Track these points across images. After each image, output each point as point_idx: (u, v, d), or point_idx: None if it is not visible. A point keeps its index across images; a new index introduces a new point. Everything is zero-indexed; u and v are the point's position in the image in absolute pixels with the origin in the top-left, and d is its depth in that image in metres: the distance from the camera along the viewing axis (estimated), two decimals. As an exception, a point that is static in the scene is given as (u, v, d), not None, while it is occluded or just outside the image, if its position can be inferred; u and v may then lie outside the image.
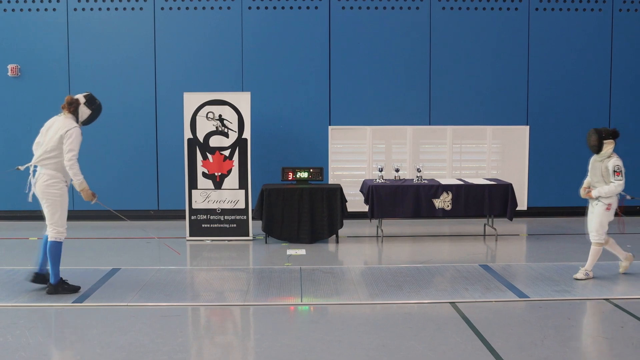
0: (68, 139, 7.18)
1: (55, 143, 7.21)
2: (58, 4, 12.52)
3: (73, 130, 7.23)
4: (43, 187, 7.26)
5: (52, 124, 7.41)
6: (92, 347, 5.74)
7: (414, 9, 12.71)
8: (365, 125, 12.76)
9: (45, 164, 7.26)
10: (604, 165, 7.86)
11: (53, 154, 7.23)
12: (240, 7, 12.59)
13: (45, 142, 7.30)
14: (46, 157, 7.25)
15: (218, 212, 10.73)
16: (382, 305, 7.06)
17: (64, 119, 7.36)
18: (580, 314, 6.64)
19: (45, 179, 7.25)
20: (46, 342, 5.86)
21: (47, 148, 7.24)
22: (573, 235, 11.17)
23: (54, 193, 7.28)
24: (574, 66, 12.90)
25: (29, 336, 5.95)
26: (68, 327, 6.29)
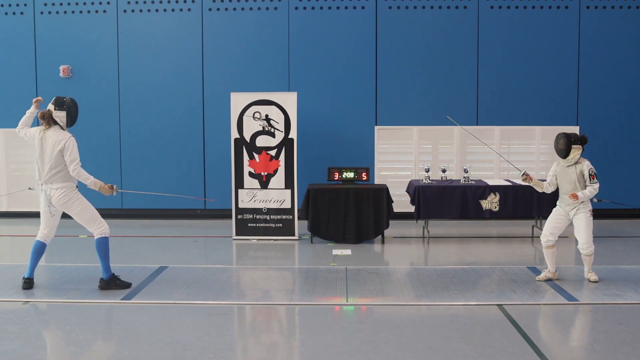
0: (67, 151, 7.36)
1: (56, 159, 7.37)
2: (108, 5, 12.73)
3: (69, 142, 7.40)
4: (61, 201, 7.44)
5: (42, 139, 7.46)
6: (140, 343, 5.82)
7: (462, 8, 12.59)
8: (411, 125, 12.69)
9: (54, 179, 7.41)
10: (577, 170, 7.79)
11: (58, 169, 7.39)
12: (287, 8, 12.64)
13: (46, 160, 7.42)
14: (53, 174, 7.39)
15: (264, 212, 10.78)
16: (428, 306, 7.01)
17: (53, 132, 7.46)
18: (632, 319, 6.49)
19: (59, 194, 7.41)
20: (95, 338, 5.96)
21: (50, 165, 7.38)
22: (624, 238, 10.95)
23: (73, 202, 7.47)
24: (626, 65, 12.63)
25: (78, 332, 6.06)
26: (117, 324, 6.39)
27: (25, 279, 7.61)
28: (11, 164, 13.24)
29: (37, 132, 7.55)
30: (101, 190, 7.59)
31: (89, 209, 7.58)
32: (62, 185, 7.41)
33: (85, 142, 12.89)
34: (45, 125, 7.50)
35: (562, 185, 7.96)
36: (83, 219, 7.58)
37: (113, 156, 12.88)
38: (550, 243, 7.99)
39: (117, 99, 12.85)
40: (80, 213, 7.53)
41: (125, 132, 12.85)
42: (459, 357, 5.47)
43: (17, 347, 5.65)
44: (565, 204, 7.92)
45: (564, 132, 7.90)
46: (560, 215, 7.99)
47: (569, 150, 7.79)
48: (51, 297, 7.28)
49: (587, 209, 7.85)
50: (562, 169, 7.93)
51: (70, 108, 7.63)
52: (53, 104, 7.57)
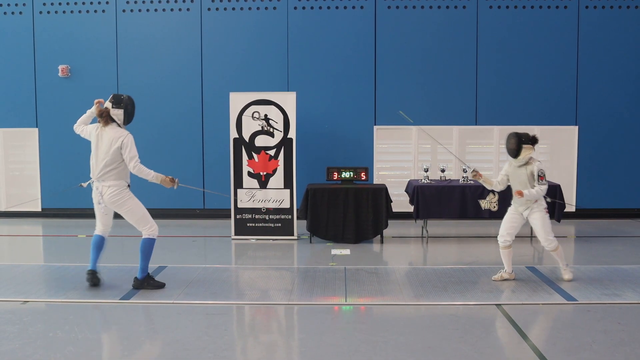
0: (125, 149, 7.34)
1: (112, 156, 7.34)
2: (107, 5, 12.73)
3: (127, 139, 7.37)
4: (113, 200, 7.42)
5: (98, 136, 7.46)
6: (139, 343, 5.82)
7: (461, 8, 12.59)
8: (410, 125, 12.68)
9: (107, 177, 7.39)
10: (528, 170, 7.77)
11: (112, 166, 7.37)
12: (286, 7, 12.64)
13: (100, 157, 7.41)
14: (107, 171, 7.37)
15: (263, 212, 10.78)
16: (427, 306, 7.01)
17: (110, 130, 7.44)
18: (631, 319, 6.50)
19: (112, 192, 7.40)
20: (94, 337, 5.95)
21: (105, 162, 7.36)
22: (623, 238, 10.96)
23: (125, 200, 7.45)
24: (625, 65, 12.65)
25: (77, 332, 6.06)
26: (116, 324, 6.38)
27: (88, 271, 7.62)
28: (10, 164, 13.23)
29: (94, 129, 7.54)
30: (163, 183, 7.59)
31: (139, 209, 7.57)
32: (115, 183, 7.40)
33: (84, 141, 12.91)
34: (102, 123, 7.48)
35: (513, 185, 7.95)
36: (133, 219, 7.57)
37: (112, 156, 12.87)
38: (507, 243, 7.97)
39: (116, 98, 12.84)
40: (131, 212, 7.52)
41: (124, 131, 12.84)
42: (458, 357, 5.47)
43: (16, 347, 5.65)
44: (518, 204, 7.92)
45: (515, 132, 7.87)
46: (515, 215, 7.98)
47: (519, 150, 7.77)
48: (50, 297, 7.28)
49: (541, 207, 7.84)
50: (513, 169, 7.92)
51: (127, 106, 7.58)
52: (110, 101, 7.53)
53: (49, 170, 13.04)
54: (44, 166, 13.05)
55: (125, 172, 7.48)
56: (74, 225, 12.20)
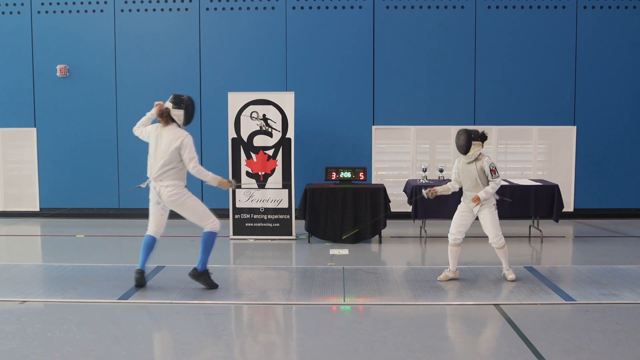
0: (185, 150, 7.35)
1: (171, 156, 7.35)
2: (105, 5, 12.74)
3: (187, 140, 7.39)
4: (172, 199, 7.44)
5: (158, 136, 7.46)
6: (137, 343, 5.82)
7: (459, 8, 12.60)
8: (409, 125, 12.70)
9: (165, 177, 7.40)
10: (478, 166, 7.76)
11: (171, 165, 7.38)
12: (284, 7, 12.64)
13: (159, 156, 7.41)
14: (165, 171, 7.38)
15: (261, 211, 10.78)
16: (425, 306, 7.01)
17: (169, 130, 7.43)
18: (629, 319, 6.50)
19: (170, 191, 7.40)
20: (92, 337, 5.94)
21: (164, 161, 7.36)
22: (621, 238, 10.97)
23: (184, 200, 7.48)
24: (623, 65, 12.67)
25: (76, 332, 6.05)
26: (114, 323, 6.37)
27: (137, 270, 7.61)
28: (8, 164, 13.23)
29: (154, 129, 7.54)
30: (220, 185, 7.64)
31: (199, 206, 7.61)
32: (173, 183, 7.41)
33: (81, 141, 12.96)
34: (163, 123, 7.47)
35: (464, 182, 7.96)
36: (195, 216, 7.59)
37: (110, 155, 12.87)
38: (457, 241, 8.01)
39: (115, 98, 12.85)
40: (192, 210, 7.55)
41: (123, 131, 12.84)
42: (456, 357, 5.48)
43: (14, 347, 5.64)
44: (468, 201, 7.92)
45: (464, 129, 7.87)
46: (465, 212, 8.00)
47: (469, 146, 7.77)
48: (48, 297, 7.27)
49: (490, 203, 7.86)
50: (463, 166, 7.92)
51: (188, 106, 7.59)
52: (171, 102, 7.52)
53: (48, 170, 13.04)
54: (42, 166, 13.05)
55: (183, 172, 7.49)
56: (73, 225, 12.19)
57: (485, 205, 7.85)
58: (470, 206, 7.94)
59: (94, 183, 12.89)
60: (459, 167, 8.02)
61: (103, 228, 11.94)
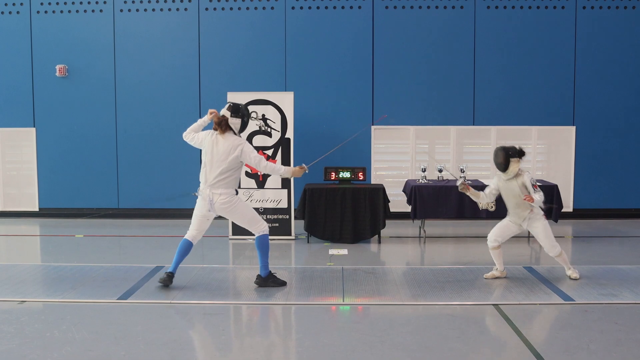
0: (249, 155, 7.42)
1: (230, 164, 7.38)
2: (105, 5, 12.73)
3: (246, 147, 7.44)
4: (225, 207, 7.47)
5: (213, 143, 7.47)
6: (137, 343, 5.81)
7: (458, 8, 12.60)
8: (408, 125, 12.70)
9: (220, 185, 7.42)
10: (518, 183, 7.74)
11: (228, 173, 7.41)
12: (283, 7, 12.64)
13: (215, 164, 7.42)
14: (221, 178, 7.40)
15: (261, 211, 10.77)
16: (424, 306, 7.01)
17: (226, 138, 7.46)
18: (628, 319, 6.50)
19: (223, 199, 7.43)
20: (91, 337, 5.94)
21: (221, 169, 7.38)
22: (620, 238, 10.97)
23: (234, 207, 7.51)
24: (622, 66, 12.67)
25: (75, 332, 6.05)
26: (113, 324, 6.37)
27: (167, 273, 7.64)
28: (7, 164, 13.22)
29: (209, 135, 7.55)
30: (295, 174, 7.77)
31: (249, 210, 7.67)
32: (226, 191, 7.44)
33: (81, 141, 12.95)
34: (220, 131, 7.49)
35: (507, 200, 7.94)
36: (244, 221, 7.65)
37: (109, 155, 12.87)
38: (496, 244, 8.03)
39: (114, 98, 12.85)
40: (242, 216, 7.62)
41: (122, 131, 12.85)
42: (455, 357, 5.48)
43: (14, 347, 5.64)
44: (516, 217, 7.91)
45: (502, 146, 7.85)
46: (511, 225, 8.00)
47: (507, 163, 7.75)
48: (47, 297, 7.27)
49: (539, 215, 7.85)
50: (504, 184, 7.89)
51: (244, 116, 7.62)
52: (229, 110, 7.55)
53: (47, 170, 13.04)
54: (42, 166, 13.04)
55: (237, 180, 7.56)
56: (72, 225, 12.19)
57: (534, 217, 7.84)
58: (518, 222, 7.91)
59: (93, 183, 12.89)
60: (500, 184, 7.97)
61: (102, 228, 11.94)
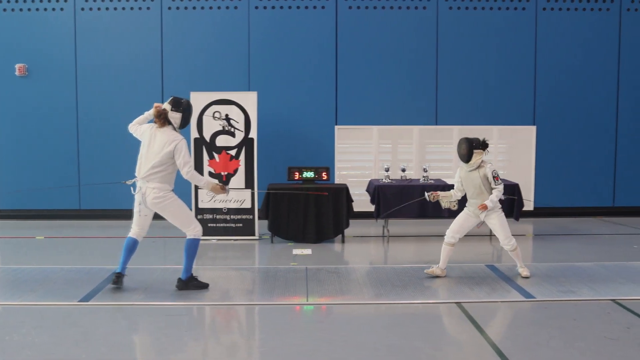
0: (179, 154, 7.27)
1: (162, 158, 7.26)
2: (65, 3, 12.56)
3: (181, 144, 7.30)
4: (156, 202, 7.33)
5: (152, 136, 7.38)
6: (98, 346, 5.75)
7: (421, 8, 12.70)
8: (371, 125, 12.75)
9: (152, 178, 7.30)
10: (481, 174, 7.86)
11: (160, 168, 7.28)
12: (247, 7, 12.61)
13: (150, 157, 7.32)
14: (153, 172, 7.28)
15: (224, 212, 10.74)
16: (387, 305, 7.05)
17: (164, 132, 7.36)
18: (586, 315, 6.61)
19: (156, 194, 7.30)
20: (52, 341, 5.87)
21: (154, 163, 7.27)
22: (579, 236, 11.15)
23: (169, 202, 7.37)
24: (581, 66, 12.88)
25: (34, 335, 5.97)
26: (74, 326, 6.30)
27: (115, 273, 7.51)
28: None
29: (149, 129, 7.46)
30: (213, 190, 7.59)
31: (184, 211, 7.51)
32: (159, 185, 7.30)
33: (42, 141, 12.76)
34: (159, 124, 7.39)
35: (468, 190, 8.05)
36: (177, 221, 7.50)
37: (70, 155, 12.70)
38: (453, 240, 8.10)
39: (75, 97, 12.69)
40: (175, 215, 7.46)
41: (83, 131, 12.69)
42: (418, 356, 5.51)
43: (-29, 351, 5.55)
44: (474, 208, 8.00)
45: (466, 137, 8.00)
46: (470, 216, 8.07)
47: (470, 155, 7.88)
48: (6, 300, 7.14)
49: (497, 207, 7.96)
50: (466, 174, 8.01)
51: (185, 110, 7.49)
52: (170, 104, 7.44)
53: (6, 171, 12.82)
54: (1, 167, 12.82)
55: (172, 176, 7.41)
56: (32, 226, 12.01)
57: (491, 210, 7.91)
58: (477, 212, 7.98)
59: (54, 183, 12.70)
60: (462, 175, 8.07)
61: (63, 229, 11.79)
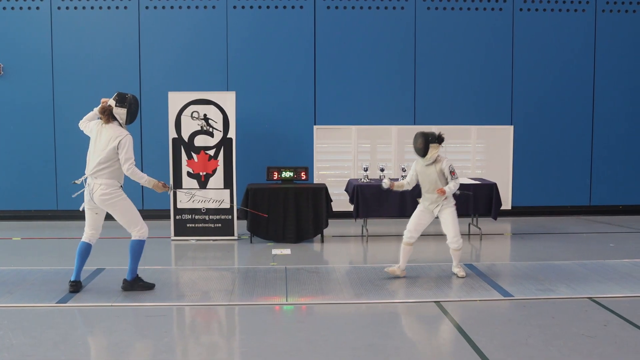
0: (122, 149, 7.19)
1: (108, 154, 7.18)
2: (42, 2, 12.44)
3: (125, 140, 7.21)
4: (103, 198, 7.24)
5: (98, 132, 7.31)
6: (76, 348, 5.72)
7: (399, 9, 12.73)
8: (350, 124, 12.77)
9: (100, 175, 7.21)
10: (437, 169, 7.91)
11: (107, 164, 7.20)
12: (225, 7, 12.57)
13: (96, 153, 7.24)
14: (100, 169, 7.20)
15: (203, 212, 10.70)
16: (367, 304, 7.07)
17: (110, 128, 7.28)
18: (564, 313, 6.68)
19: (103, 190, 7.22)
20: (30, 342, 5.82)
21: (100, 159, 7.19)
22: (556, 234, 11.24)
23: (116, 200, 7.29)
24: (558, 66, 12.99)
25: (12, 337, 5.91)
26: (52, 328, 6.25)
27: (71, 282, 7.40)
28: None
29: (96, 125, 7.36)
30: (155, 188, 7.51)
31: (131, 210, 7.41)
32: (107, 182, 7.22)
33: (17, 141, 12.64)
34: (104, 120, 7.29)
35: (424, 184, 8.08)
36: (123, 219, 7.41)
37: (47, 155, 12.59)
38: (412, 240, 8.12)
39: (52, 97, 12.57)
40: (122, 213, 7.36)
41: (60, 131, 12.58)
42: (398, 355, 5.54)
43: (-52, 354, 5.49)
44: (428, 202, 8.03)
45: (422, 132, 8.00)
46: (424, 212, 8.10)
47: (427, 149, 7.91)
48: (-17, 302, 7.09)
49: (451, 204, 8.01)
50: (422, 168, 8.04)
51: (131, 105, 7.37)
52: (114, 99, 7.33)
53: (-19, 171, 12.69)
54: (-24, 167, 12.69)
55: (120, 172, 7.31)
56: (8, 227, 11.89)
57: (446, 205, 7.95)
58: (430, 207, 8.01)
59: (30, 184, 12.60)
60: (418, 169, 8.09)
61: (40, 230, 11.69)
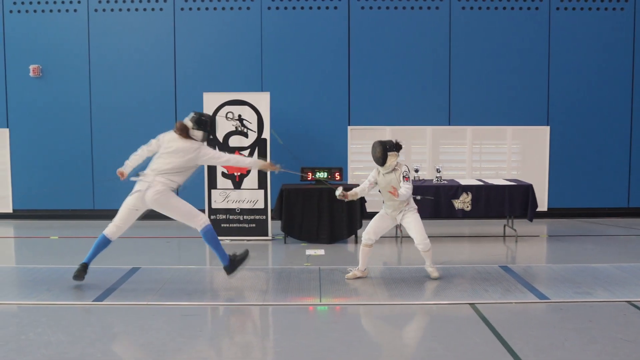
0: (206, 157, 7.51)
1: (182, 164, 7.40)
2: (79, 4, 12.62)
3: (203, 150, 7.50)
4: (156, 197, 7.37)
5: (170, 142, 7.48)
6: (113, 345, 5.78)
7: (434, 8, 12.67)
8: (384, 125, 12.74)
9: (166, 177, 7.38)
10: (396, 175, 7.84)
11: (176, 171, 7.40)
12: (259, 8, 12.62)
13: (168, 157, 7.42)
14: (162, 171, 7.37)
15: (237, 212, 10.75)
16: (401, 305, 7.04)
17: (185, 142, 7.45)
18: (602, 317, 6.57)
19: (159, 189, 7.35)
20: (67, 340, 5.89)
21: (174, 165, 7.37)
22: (594, 237, 11.09)
23: (168, 198, 7.42)
24: (595, 66, 12.81)
25: (50, 334, 5.99)
26: (89, 326, 6.32)
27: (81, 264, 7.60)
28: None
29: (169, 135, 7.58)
30: (263, 168, 7.97)
31: (184, 204, 7.55)
32: (168, 183, 7.39)
33: (56, 142, 12.83)
34: (179, 136, 7.49)
35: (384, 193, 8.00)
36: (180, 215, 7.56)
37: (84, 156, 12.76)
38: (370, 242, 8.09)
39: (89, 99, 12.74)
40: (177, 208, 7.51)
41: (97, 132, 12.74)
42: (432, 356, 5.50)
43: (-13, 350, 5.58)
44: (391, 210, 7.99)
45: (379, 141, 7.93)
46: (386, 217, 8.06)
47: (385, 157, 7.85)
48: (22, 299, 7.18)
49: (413, 209, 7.97)
50: (382, 177, 7.98)
51: (207, 129, 7.61)
52: (193, 121, 7.53)
53: (20, 172, 12.90)
54: (15, 167, 12.90)
55: (182, 178, 7.50)
56: (46, 226, 12.08)
57: (408, 211, 7.94)
58: (393, 214, 8.00)
59: (67, 184, 12.77)
60: (378, 178, 8.06)
61: (77, 230, 11.84)
